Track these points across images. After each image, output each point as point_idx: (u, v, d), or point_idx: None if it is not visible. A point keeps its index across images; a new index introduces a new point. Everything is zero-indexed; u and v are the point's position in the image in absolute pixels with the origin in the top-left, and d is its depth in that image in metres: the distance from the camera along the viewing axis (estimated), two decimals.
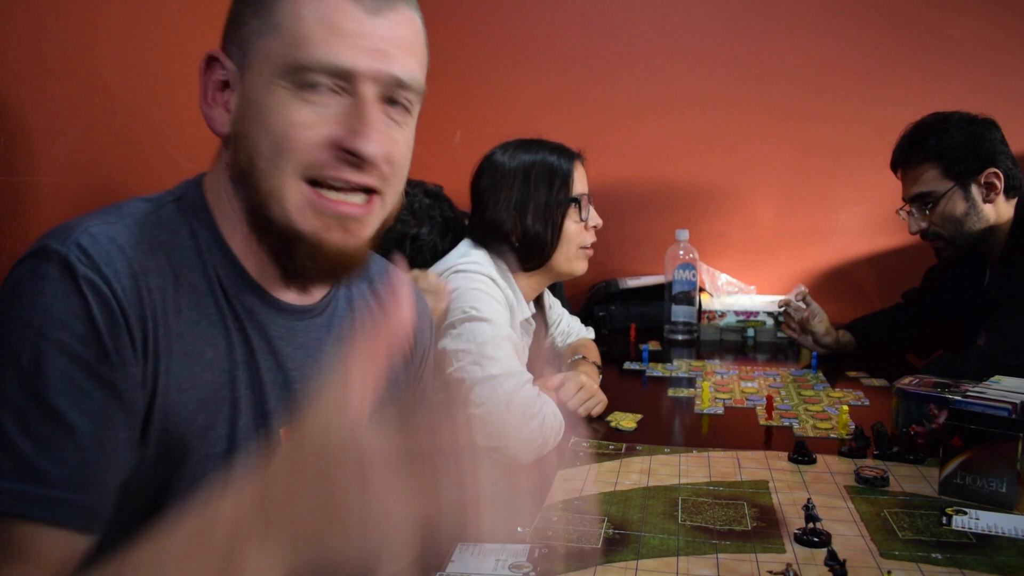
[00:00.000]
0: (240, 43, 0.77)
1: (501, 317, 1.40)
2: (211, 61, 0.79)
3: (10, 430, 0.65)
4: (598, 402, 1.53)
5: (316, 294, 0.88)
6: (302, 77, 0.74)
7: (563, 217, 1.52)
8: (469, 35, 2.64)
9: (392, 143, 0.78)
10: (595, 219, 1.57)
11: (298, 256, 0.78)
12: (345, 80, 0.75)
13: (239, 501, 0.56)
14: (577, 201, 1.53)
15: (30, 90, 1.27)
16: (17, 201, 1.25)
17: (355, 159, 0.76)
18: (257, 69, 0.75)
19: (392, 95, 0.78)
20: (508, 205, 1.49)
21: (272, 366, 0.83)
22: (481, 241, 1.53)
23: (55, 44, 1.31)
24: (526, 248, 1.51)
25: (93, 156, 1.41)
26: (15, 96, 1.24)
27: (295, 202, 0.76)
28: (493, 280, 1.44)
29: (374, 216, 0.80)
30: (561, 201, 1.51)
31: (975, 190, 1.75)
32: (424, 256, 1.65)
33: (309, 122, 0.74)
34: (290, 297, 0.85)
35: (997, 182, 1.74)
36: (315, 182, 0.76)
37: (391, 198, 0.82)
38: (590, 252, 1.59)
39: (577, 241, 1.55)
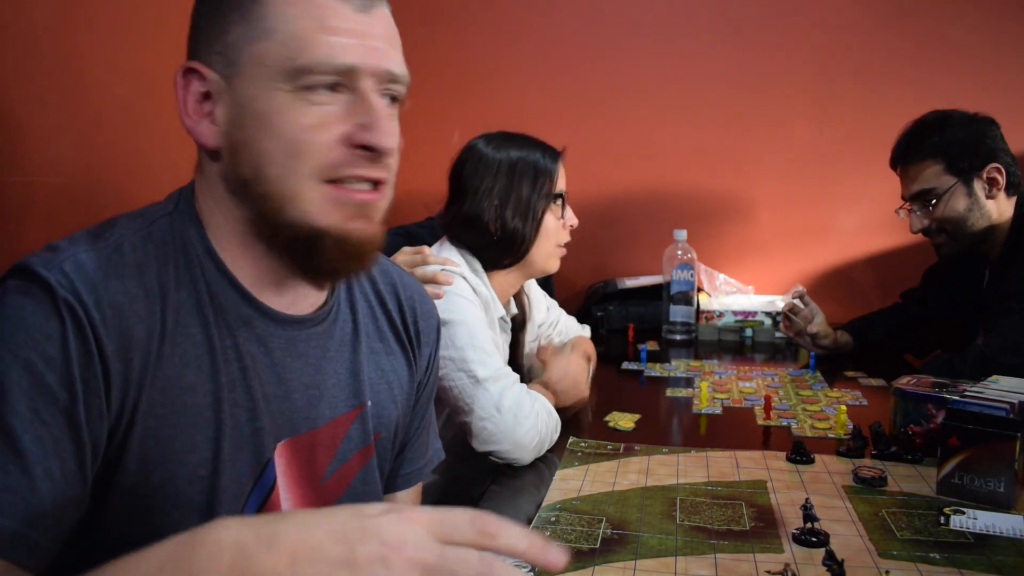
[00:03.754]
0: (224, 51, 0.76)
1: (476, 317, 1.39)
2: (188, 73, 0.77)
3: None
4: (576, 396, 1.51)
5: (315, 302, 0.87)
6: (304, 79, 0.74)
7: (543, 213, 1.51)
8: (468, 36, 2.64)
9: (397, 135, 0.80)
10: (572, 218, 1.57)
11: (324, 252, 0.77)
12: (346, 78, 0.75)
13: None
14: (561, 197, 1.53)
15: (30, 90, 1.27)
16: (17, 201, 1.25)
17: (370, 153, 0.76)
18: (250, 76, 0.74)
19: (386, 89, 0.80)
20: (490, 196, 1.48)
21: (272, 379, 0.82)
22: (457, 237, 1.52)
23: (54, 45, 1.31)
24: (504, 243, 1.49)
25: (93, 156, 1.42)
26: (15, 96, 1.24)
27: (315, 203, 0.75)
28: (465, 279, 1.43)
29: (383, 202, 0.81)
30: (544, 197, 1.50)
31: (978, 186, 1.75)
32: None
33: (318, 123, 0.74)
34: (288, 307, 0.84)
35: (999, 177, 1.74)
36: (332, 181, 0.76)
37: (391, 187, 0.82)
38: (563, 251, 1.58)
39: (555, 238, 1.54)
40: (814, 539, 1.00)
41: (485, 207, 1.47)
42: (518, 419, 1.28)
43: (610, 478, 1.21)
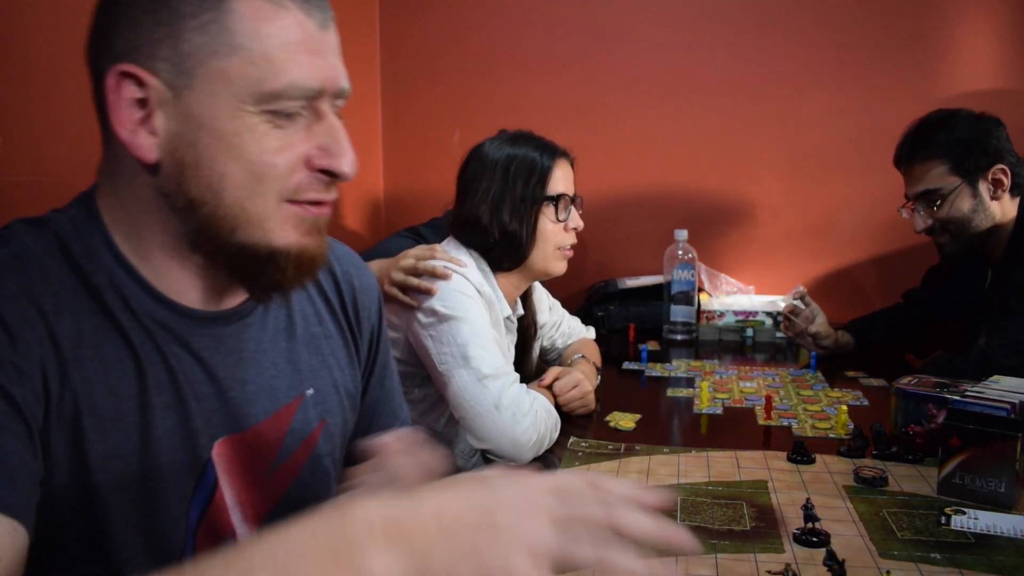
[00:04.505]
0: (179, 61, 0.70)
1: (479, 315, 1.38)
2: (123, 76, 0.70)
3: None
4: (584, 404, 1.52)
5: (242, 295, 0.84)
6: (277, 104, 0.71)
7: (538, 215, 1.48)
8: (469, 35, 2.64)
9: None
10: (575, 221, 1.53)
11: (280, 269, 0.75)
12: (309, 99, 0.73)
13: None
14: (554, 199, 1.50)
15: (30, 90, 1.27)
16: (17, 201, 1.25)
17: (331, 178, 0.75)
18: (210, 92, 0.70)
19: (335, 106, 0.77)
20: (486, 198, 1.47)
21: (201, 378, 0.79)
22: (461, 237, 1.52)
23: (55, 44, 1.31)
24: (503, 245, 1.48)
25: (93, 156, 1.41)
26: (15, 96, 1.24)
27: (277, 223, 0.74)
28: (469, 277, 1.43)
29: (329, 216, 0.79)
30: (536, 198, 1.47)
31: (982, 187, 1.74)
32: None
33: (282, 145, 0.72)
34: (211, 305, 0.81)
35: (1004, 179, 1.73)
36: (290, 200, 0.75)
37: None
38: (569, 253, 1.55)
39: (553, 241, 1.51)
40: (815, 539, 1.00)
41: (483, 209, 1.47)
42: (516, 417, 1.28)
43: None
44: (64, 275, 0.73)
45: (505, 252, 1.49)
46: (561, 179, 1.51)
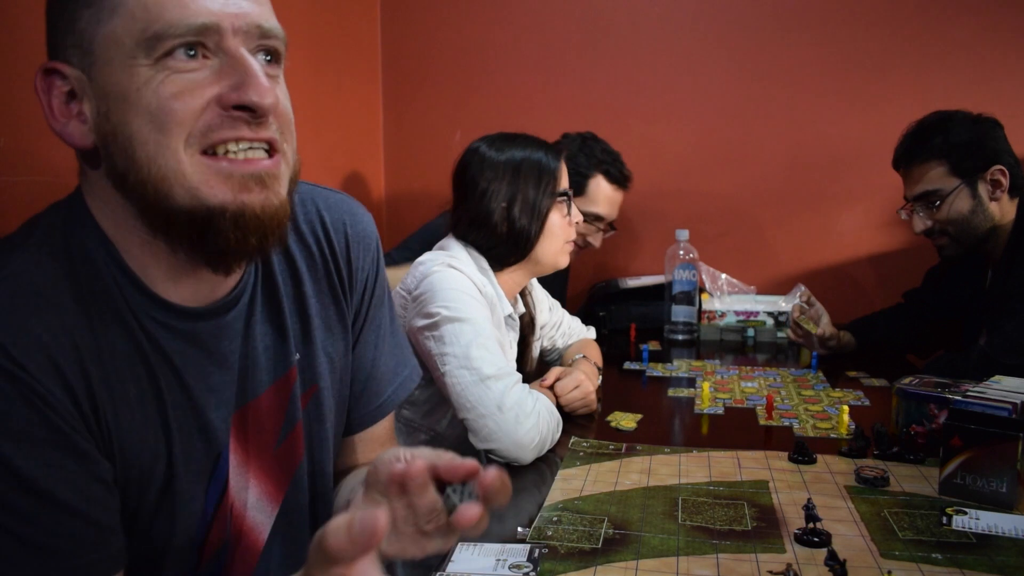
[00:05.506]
0: (79, 42, 0.70)
1: (480, 315, 1.39)
2: (48, 74, 0.71)
3: (9, 524, 0.64)
4: (586, 404, 1.53)
5: (229, 281, 0.81)
6: (162, 47, 0.68)
7: (548, 212, 1.52)
8: (470, 35, 2.64)
9: (279, 93, 0.74)
10: (578, 215, 1.59)
11: (222, 232, 0.71)
12: (208, 38, 0.69)
13: None
14: (566, 196, 1.55)
15: (30, 90, 1.27)
16: (17, 201, 1.25)
17: (248, 113, 0.70)
18: (107, 60, 0.69)
19: (261, 46, 0.73)
20: (496, 198, 1.49)
21: (212, 369, 0.79)
22: (463, 236, 1.53)
23: None
24: (509, 242, 1.51)
25: None
26: (15, 96, 1.24)
27: (197, 176, 0.69)
28: (471, 277, 1.44)
29: (283, 171, 0.75)
30: (550, 196, 1.52)
31: (982, 188, 1.74)
32: None
33: (184, 90, 0.69)
34: (208, 296, 0.79)
35: (1003, 179, 1.73)
36: (211, 151, 0.70)
37: (291, 155, 0.77)
38: (572, 247, 1.60)
39: (563, 236, 1.55)
40: (816, 539, 0.99)
41: (492, 208, 1.49)
42: (519, 418, 1.28)
43: (612, 478, 1.21)
44: (69, 288, 0.71)
45: (511, 249, 1.52)
46: (564, 177, 1.55)
